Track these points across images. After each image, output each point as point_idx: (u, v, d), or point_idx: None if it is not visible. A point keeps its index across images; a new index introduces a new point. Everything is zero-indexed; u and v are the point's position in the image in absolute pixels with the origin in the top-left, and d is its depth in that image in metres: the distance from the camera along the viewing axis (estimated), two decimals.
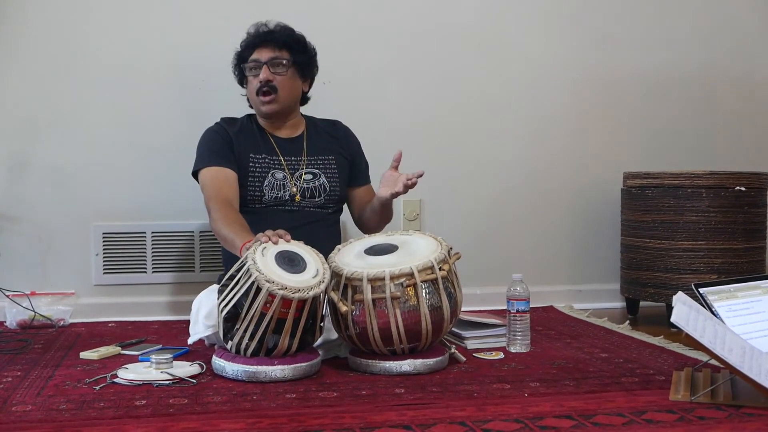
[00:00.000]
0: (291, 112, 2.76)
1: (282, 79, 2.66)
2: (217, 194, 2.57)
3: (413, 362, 2.17)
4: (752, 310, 2.20)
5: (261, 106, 2.69)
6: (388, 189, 2.52)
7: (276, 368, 2.07)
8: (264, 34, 2.70)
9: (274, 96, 2.66)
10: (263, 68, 2.65)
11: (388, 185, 2.53)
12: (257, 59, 2.67)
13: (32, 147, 3.09)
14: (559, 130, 3.54)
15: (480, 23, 3.45)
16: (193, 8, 3.19)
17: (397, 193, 2.50)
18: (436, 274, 2.18)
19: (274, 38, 2.68)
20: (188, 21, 3.19)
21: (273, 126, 2.75)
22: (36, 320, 2.89)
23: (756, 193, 3.11)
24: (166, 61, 3.17)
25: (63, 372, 2.21)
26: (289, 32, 2.71)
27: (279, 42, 2.67)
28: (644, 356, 2.40)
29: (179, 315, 3.09)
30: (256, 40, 2.70)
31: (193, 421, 1.74)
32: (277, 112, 2.70)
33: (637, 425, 1.71)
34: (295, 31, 2.73)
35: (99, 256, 3.13)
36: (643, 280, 3.15)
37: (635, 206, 3.19)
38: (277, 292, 2.02)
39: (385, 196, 2.53)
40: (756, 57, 3.72)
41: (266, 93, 2.65)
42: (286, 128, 2.76)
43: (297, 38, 2.72)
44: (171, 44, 3.17)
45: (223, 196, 2.56)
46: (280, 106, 2.68)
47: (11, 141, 3.08)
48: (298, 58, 2.70)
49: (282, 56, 2.67)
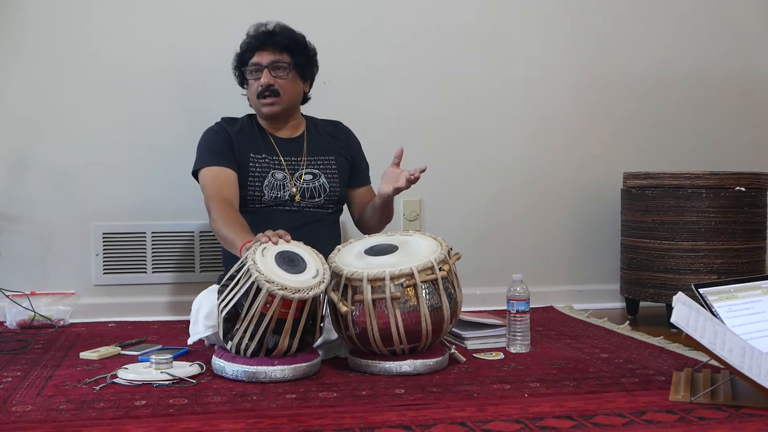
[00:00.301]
0: (292, 113, 2.75)
1: (283, 82, 2.66)
2: (217, 194, 2.56)
3: (413, 362, 2.17)
4: (752, 310, 2.21)
5: (262, 108, 2.68)
6: (390, 185, 2.51)
7: (276, 368, 2.07)
8: (264, 36, 2.68)
9: (276, 99, 2.65)
10: (264, 72, 2.64)
11: (390, 181, 2.53)
12: (258, 62, 2.66)
13: (32, 147, 3.08)
14: (559, 130, 3.54)
15: (480, 23, 3.45)
16: (192, 8, 3.19)
17: (399, 189, 2.50)
18: (436, 274, 2.18)
19: (275, 41, 2.66)
20: (187, 21, 3.19)
21: (273, 126, 2.75)
22: (36, 320, 2.89)
23: (756, 193, 3.11)
24: (165, 61, 3.17)
25: (63, 372, 2.21)
26: (289, 34, 2.70)
27: (280, 45, 2.66)
28: (644, 357, 2.40)
29: (179, 315, 3.09)
30: (256, 43, 2.68)
31: (193, 422, 1.74)
32: (278, 114, 2.70)
33: (637, 426, 1.71)
34: (295, 31, 2.72)
35: (99, 256, 3.13)
36: (643, 280, 3.14)
37: (635, 206, 3.19)
38: (277, 293, 2.02)
39: (387, 191, 2.52)
40: (756, 57, 3.72)
41: (267, 96, 2.65)
42: (286, 128, 2.76)
43: (297, 40, 2.71)
44: (171, 44, 3.17)
45: (223, 196, 2.56)
46: (281, 108, 2.68)
47: (11, 141, 3.08)
48: (299, 60, 2.69)
49: (283, 59, 2.66)
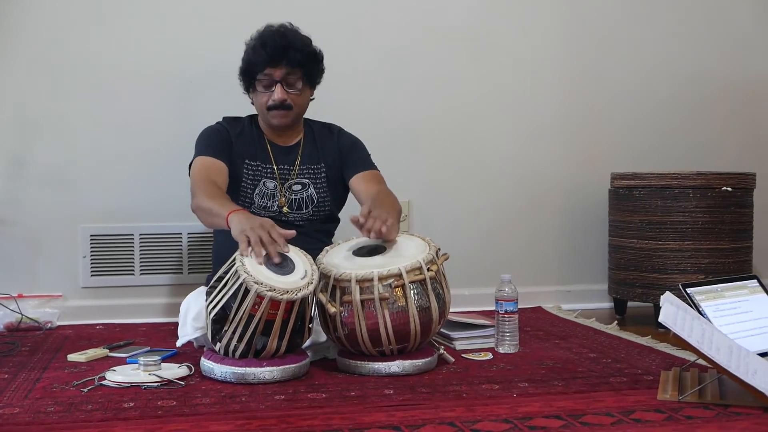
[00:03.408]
0: (298, 121, 2.71)
1: (295, 96, 2.60)
2: (205, 177, 2.50)
3: (402, 363, 2.17)
4: (739, 309, 2.22)
5: (272, 120, 2.61)
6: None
7: (265, 370, 2.07)
8: (278, 51, 2.55)
9: (288, 112, 2.60)
10: (277, 87, 2.56)
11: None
12: (270, 75, 2.57)
13: (19, 149, 3.07)
14: (548, 131, 3.55)
15: (470, 26, 3.45)
16: (180, 12, 3.18)
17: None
18: (425, 274, 2.18)
19: (289, 57, 2.55)
20: (175, 25, 3.17)
21: (274, 133, 2.68)
22: (23, 323, 2.88)
23: (742, 193, 3.12)
24: (153, 64, 3.16)
25: (51, 374, 2.20)
26: (301, 46, 2.59)
27: (294, 61, 2.56)
28: (632, 356, 2.41)
29: (167, 317, 3.08)
30: (268, 58, 2.56)
31: (182, 423, 1.73)
32: (288, 125, 2.65)
33: (625, 425, 1.71)
34: (305, 40, 2.62)
35: (87, 258, 3.12)
36: (631, 280, 3.16)
37: (623, 207, 3.20)
38: (266, 294, 2.02)
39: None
40: (743, 58, 3.74)
41: (280, 109, 2.58)
42: (286, 136, 2.69)
43: (309, 52, 2.62)
44: (159, 47, 3.15)
45: (209, 179, 2.49)
46: (292, 120, 2.64)
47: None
48: (310, 71, 2.63)
49: (296, 74, 2.58)
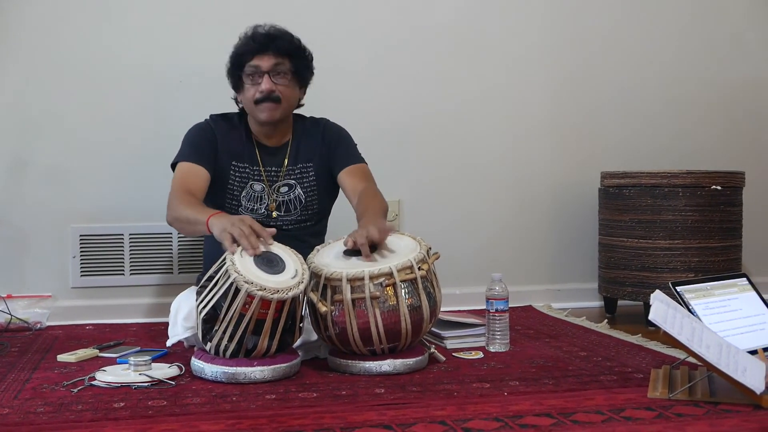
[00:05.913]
0: (287, 119, 2.66)
1: (284, 88, 2.56)
2: (182, 186, 2.48)
3: (393, 362, 2.17)
4: (729, 307, 2.23)
5: (260, 114, 2.56)
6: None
7: (255, 369, 2.07)
8: (265, 39, 2.55)
9: (276, 105, 2.55)
10: (265, 78, 2.53)
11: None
12: (257, 66, 2.54)
13: (8, 149, 3.06)
14: (538, 131, 3.55)
15: (461, 26, 3.46)
16: (168, 11, 3.17)
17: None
18: (416, 273, 2.18)
19: (276, 45, 2.54)
20: (164, 24, 3.17)
21: (263, 132, 2.65)
22: (12, 323, 2.87)
23: (732, 192, 3.14)
24: (142, 63, 3.15)
25: (40, 375, 2.19)
26: (289, 38, 2.59)
27: (281, 49, 2.54)
28: (623, 354, 2.42)
29: (158, 317, 3.07)
30: (256, 46, 2.55)
31: (173, 423, 1.73)
32: (277, 120, 2.60)
33: (616, 422, 1.72)
34: (293, 36, 2.61)
35: (76, 259, 3.11)
36: (621, 279, 3.16)
37: (613, 206, 3.21)
38: (256, 293, 2.01)
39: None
40: (732, 57, 3.75)
41: (268, 102, 2.54)
42: (275, 136, 2.66)
43: (297, 45, 2.60)
44: (148, 46, 3.15)
45: (186, 188, 2.48)
46: (280, 114, 2.58)
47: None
48: (299, 66, 2.60)
49: (284, 64, 2.56)
